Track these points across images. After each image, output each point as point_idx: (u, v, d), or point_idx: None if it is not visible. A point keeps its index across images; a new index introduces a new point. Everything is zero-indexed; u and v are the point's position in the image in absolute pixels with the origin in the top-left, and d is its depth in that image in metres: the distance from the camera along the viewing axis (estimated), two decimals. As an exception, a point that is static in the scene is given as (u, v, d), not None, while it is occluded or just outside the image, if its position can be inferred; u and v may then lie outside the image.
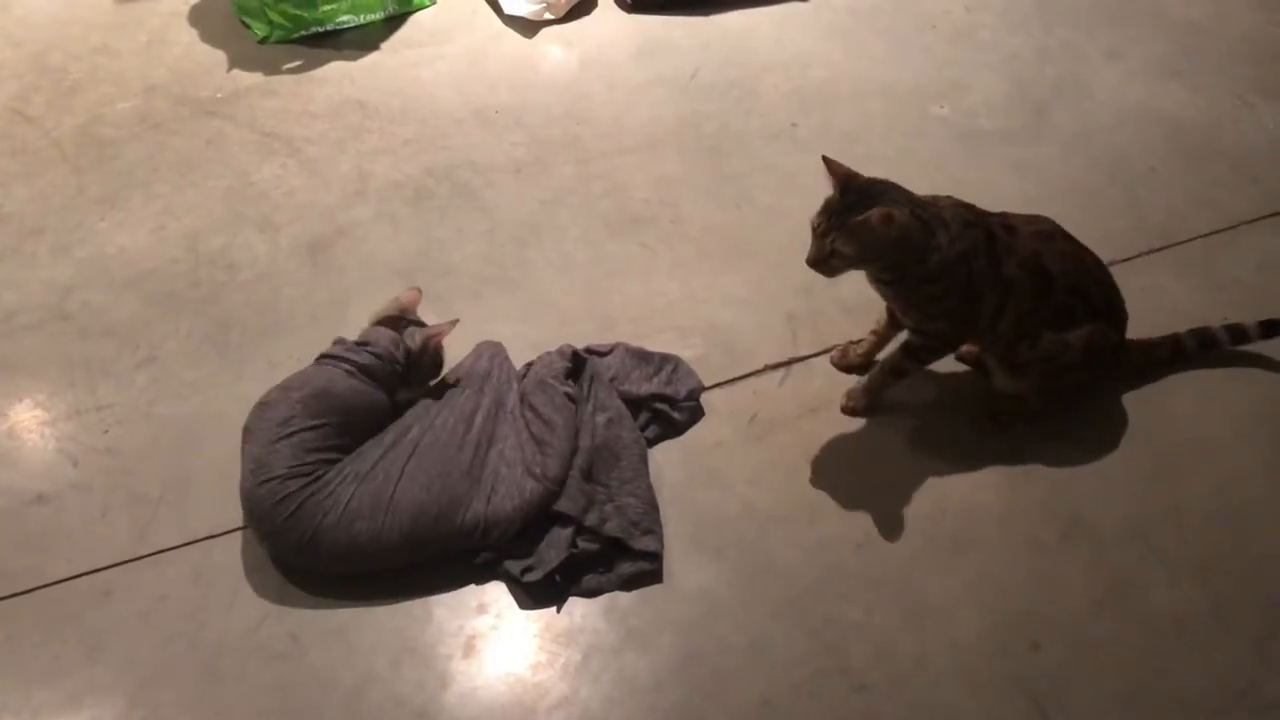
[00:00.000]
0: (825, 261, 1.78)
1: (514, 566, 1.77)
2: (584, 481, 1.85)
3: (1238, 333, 2.13)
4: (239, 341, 2.12)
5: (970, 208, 1.87)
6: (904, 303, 1.91)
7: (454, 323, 1.96)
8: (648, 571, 1.81)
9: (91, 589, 1.76)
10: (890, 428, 2.04)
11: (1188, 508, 1.95)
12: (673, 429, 2.02)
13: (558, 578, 1.76)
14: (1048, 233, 1.93)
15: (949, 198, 1.87)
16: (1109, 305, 1.96)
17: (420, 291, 2.01)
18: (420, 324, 1.96)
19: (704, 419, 2.04)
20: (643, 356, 2.08)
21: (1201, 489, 1.98)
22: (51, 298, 2.19)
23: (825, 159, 1.79)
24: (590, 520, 1.81)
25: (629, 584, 1.79)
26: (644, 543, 1.81)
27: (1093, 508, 1.93)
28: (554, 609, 1.76)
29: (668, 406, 2.02)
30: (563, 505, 1.80)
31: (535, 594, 1.76)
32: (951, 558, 1.86)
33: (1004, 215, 1.91)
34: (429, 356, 1.92)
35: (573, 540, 1.79)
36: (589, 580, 1.79)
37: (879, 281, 1.87)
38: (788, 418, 2.05)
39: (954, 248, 1.79)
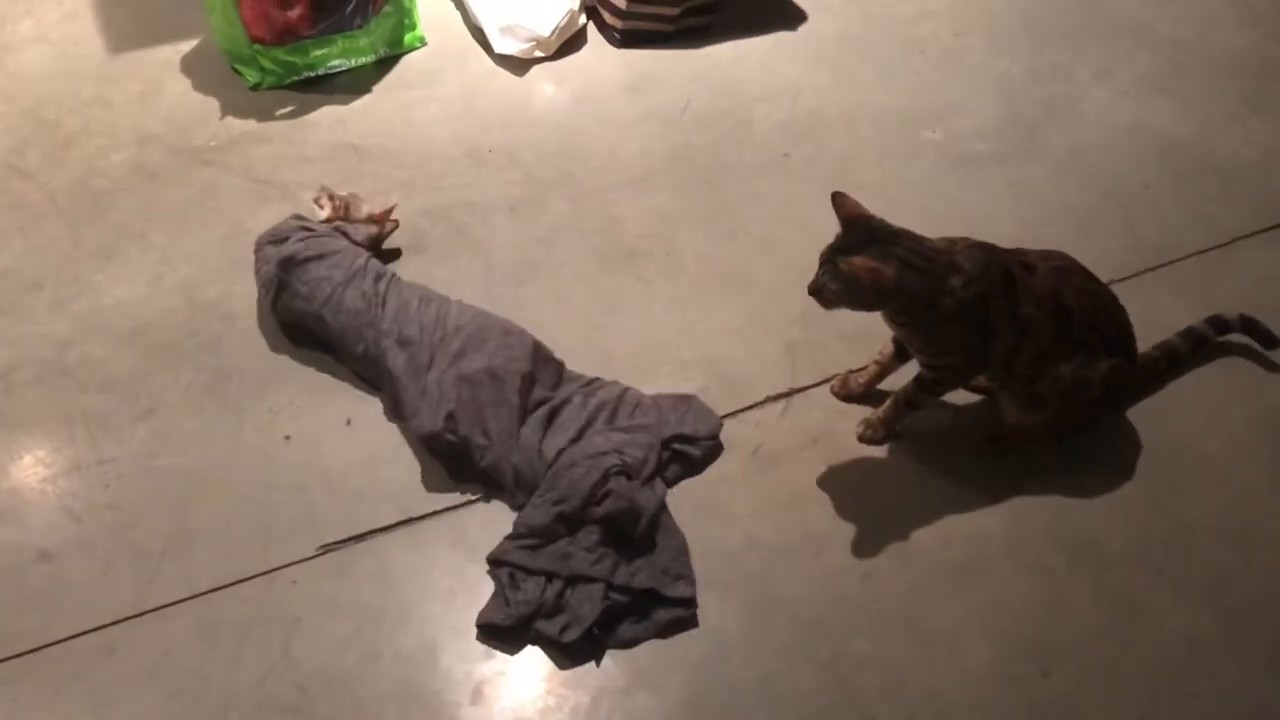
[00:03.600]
0: (819, 292, 1.79)
1: (549, 627, 1.75)
2: None
3: (1219, 324, 2.18)
4: (238, 390, 2.12)
5: (989, 248, 1.86)
6: (921, 341, 1.90)
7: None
8: (683, 618, 1.79)
9: (95, 647, 1.75)
10: (894, 456, 2.04)
11: (1194, 527, 1.94)
12: (692, 468, 2.01)
13: (595, 631, 1.75)
14: (1065, 268, 1.92)
15: (965, 239, 1.86)
16: (1123, 341, 1.96)
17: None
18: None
19: (706, 453, 2.04)
20: (656, 401, 2.07)
21: (1207, 508, 1.97)
22: (50, 352, 2.19)
23: (835, 196, 1.79)
24: (619, 578, 1.79)
25: (665, 631, 1.78)
26: (678, 589, 1.80)
27: (1098, 531, 1.93)
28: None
29: (688, 446, 2.01)
30: (593, 570, 1.78)
31: (573, 652, 1.74)
32: (959, 586, 1.85)
33: (1020, 252, 1.91)
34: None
35: (605, 594, 1.77)
36: (625, 630, 1.77)
37: (894, 323, 1.87)
38: (790, 449, 2.04)
39: (969, 290, 1.79)
